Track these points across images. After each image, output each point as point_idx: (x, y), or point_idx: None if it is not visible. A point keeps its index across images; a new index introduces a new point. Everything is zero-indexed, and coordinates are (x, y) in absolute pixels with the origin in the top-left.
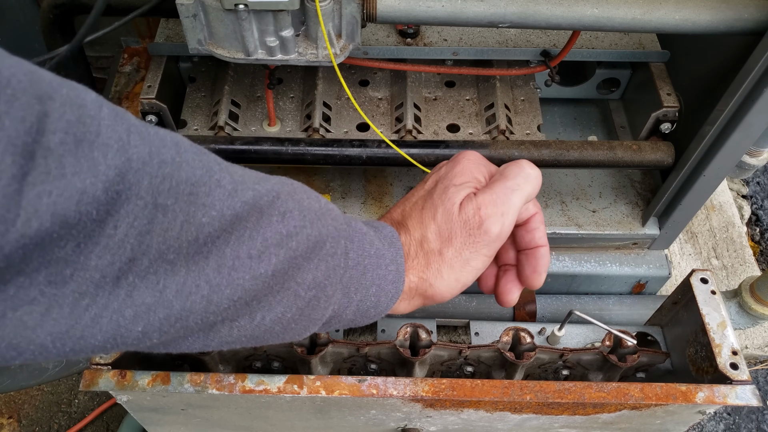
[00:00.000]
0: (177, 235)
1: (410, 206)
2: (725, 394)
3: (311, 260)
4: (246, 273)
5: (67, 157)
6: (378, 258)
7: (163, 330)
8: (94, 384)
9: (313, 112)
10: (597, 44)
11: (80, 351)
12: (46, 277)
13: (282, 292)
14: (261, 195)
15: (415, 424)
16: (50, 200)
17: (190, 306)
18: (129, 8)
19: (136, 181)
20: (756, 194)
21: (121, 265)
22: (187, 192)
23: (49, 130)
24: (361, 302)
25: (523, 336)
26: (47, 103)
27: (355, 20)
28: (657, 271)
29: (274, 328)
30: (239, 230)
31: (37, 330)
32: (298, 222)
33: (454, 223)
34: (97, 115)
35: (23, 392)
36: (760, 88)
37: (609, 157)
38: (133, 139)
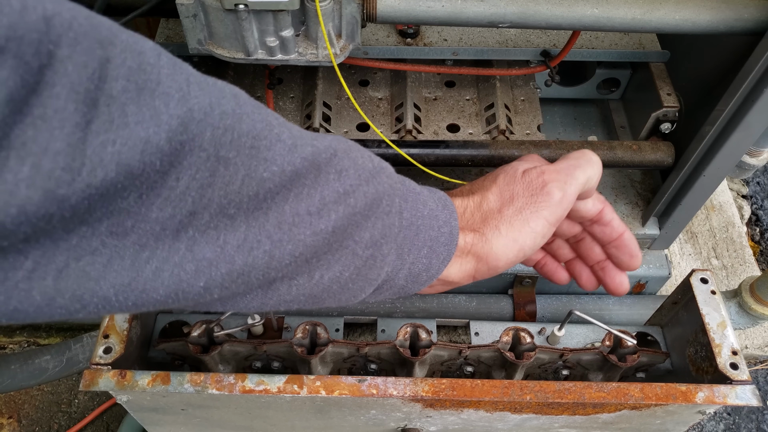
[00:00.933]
0: (238, 189)
1: (470, 184)
2: (725, 394)
3: (369, 218)
4: (306, 229)
5: (129, 106)
6: (431, 219)
7: (225, 285)
8: (94, 384)
9: (313, 112)
10: (597, 44)
11: (143, 305)
12: (108, 228)
13: (341, 250)
14: (320, 151)
15: (415, 424)
16: (114, 149)
17: (252, 261)
18: (129, 8)
19: (199, 131)
20: (756, 194)
21: (182, 218)
22: (248, 145)
23: (112, 77)
24: (413, 264)
25: (523, 336)
26: (108, 48)
27: (355, 20)
28: (657, 271)
29: (332, 287)
30: (298, 186)
31: (100, 281)
32: (354, 180)
33: (516, 185)
34: (157, 63)
35: (23, 392)
36: (760, 88)
37: (609, 157)
38: (193, 89)
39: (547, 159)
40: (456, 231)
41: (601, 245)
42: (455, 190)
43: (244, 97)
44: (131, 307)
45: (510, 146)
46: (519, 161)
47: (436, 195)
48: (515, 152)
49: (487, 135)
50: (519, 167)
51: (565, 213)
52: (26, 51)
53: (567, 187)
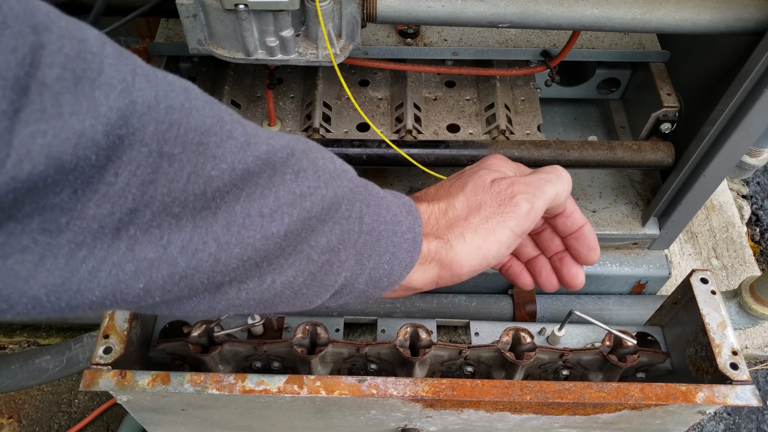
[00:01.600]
0: (183, 188)
1: (435, 188)
2: (725, 394)
3: (326, 222)
4: (257, 232)
5: (64, 95)
6: (394, 225)
7: (167, 288)
8: (94, 384)
9: (313, 112)
10: (597, 44)
11: (77, 306)
12: (40, 224)
13: (294, 255)
14: (275, 150)
15: (415, 424)
16: (45, 141)
17: (196, 264)
18: (129, 8)
19: (140, 126)
20: (756, 194)
21: (122, 215)
22: (196, 141)
23: (45, 64)
24: (373, 270)
25: (523, 336)
26: (43, 33)
27: (355, 20)
28: (657, 271)
29: (285, 293)
30: (250, 186)
31: (30, 281)
32: (312, 182)
33: (484, 194)
34: (100, 51)
35: (23, 392)
36: (760, 88)
37: (609, 157)
38: (139, 81)
39: (548, 160)
40: (420, 237)
41: (561, 237)
42: (419, 193)
43: (196, 92)
44: (64, 309)
45: (510, 146)
46: (486, 169)
47: (401, 200)
48: (515, 152)
49: (487, 135)
50: (487, 176)
51: (531, 226)
52: None
53: (535, 200)
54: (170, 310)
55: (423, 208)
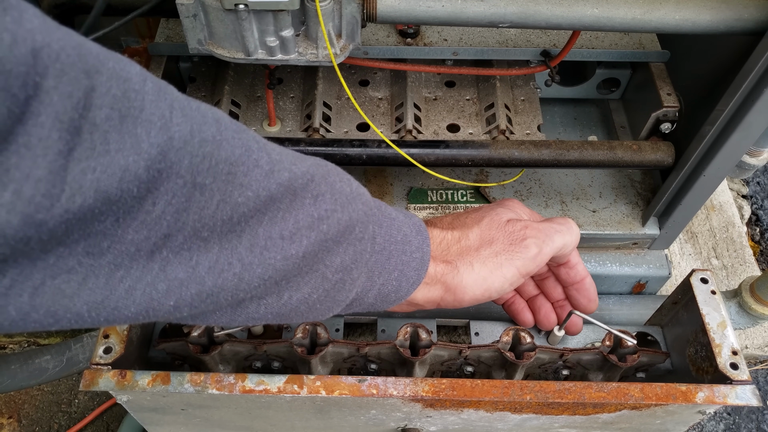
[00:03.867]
0: (212, 214)
1: (451, 217)
2: (725, 394)
3: (341, 244)
4: (277, 253)
5: (111, 133)
6: (404, 244)
7: (194, 305)
8: (94, 384)
9: (313, 112)
10: (597, 44)
11: (114, 321)
12: (85, 248)
13: (310, 274)
14: (296, 177)
15: (415, 424)
16: (94, 176)
17: (222, 283)
18: (129, 8)
19: (177, 159)
20: (756, 194)
21: (157, 240)
22: (225, 171)
23: (96, 105)
24: (383, 286)
25: (523, 336)
26: (94, 77)
27: (355, 20)
28: (657, 271)
29: (300, 308)
30: (272, 211)
31: (74, 298)
32: (329, 206)
33: (498, 231)
34: (142, 89)
35: (23, 392)
36: (760, 88)
37: (609, 157)
38: (176, 116)
39: (548, 159)
40: (427, 257)
41: (563, 286)
42: (434, 219)
43: (226, 122)
44: (102, 323)
45: (510, 146)
46: (504, 208)
47: (411, 221)
48: (515, 152)
49: (487, 135)
50: (504, 215)
51: (536, 269)
52: (13, 84)
53: (544, 246)
54: (194, 321)
55: (436, 232)
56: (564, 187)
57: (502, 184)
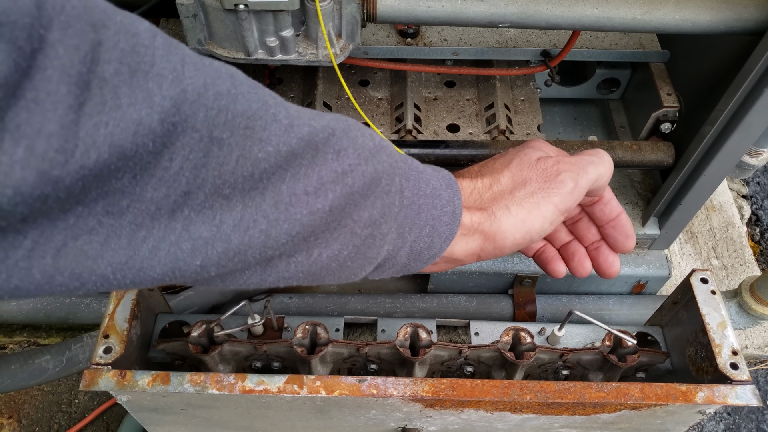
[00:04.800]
0: (233, 170)
1: (478, 166)
2: (725, 394)
3: (368, 197)
4: (303, 208)
5: (122, 88)
6: (434, 198)
7: (221, 264)
8: (94, 384)
9: None
10: (597, 44)
11: (141, 282)
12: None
13: (339, 229)
14: (317, 131)
15: (415, 424)
16: (107, 131)
17: (249, 240)
18: (129, 8)
19: (191, 112)
20: (756, 194)
21: (177, 197)
22: (243, 125)
23: (104, 60)
24: (414, 243)
25: (523, 336)
26: (101, 31)
27: (355, 20)
28: (657, 271)
29: (331, 266)
30: (295, 167)
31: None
32: (353, 160)
33: (530, 170)
34: (151, 44)
35: (23, 392)
36: (760, 88)
37: None
38: (188, 69)
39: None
40: (459, 210)
41: (597, 226)
42: (462, 170)
43: (241, 77)
44: (129, 285)
45: (510, 146)
46: (531, 148)
47: (440, 173)
48: None
49: (487, 135)
50: (533, 154)
51: (574, 204)
52: (18, 36)
53: (579, 179)
54: (224, 283)
55: (465, 183)
56: None
57: None
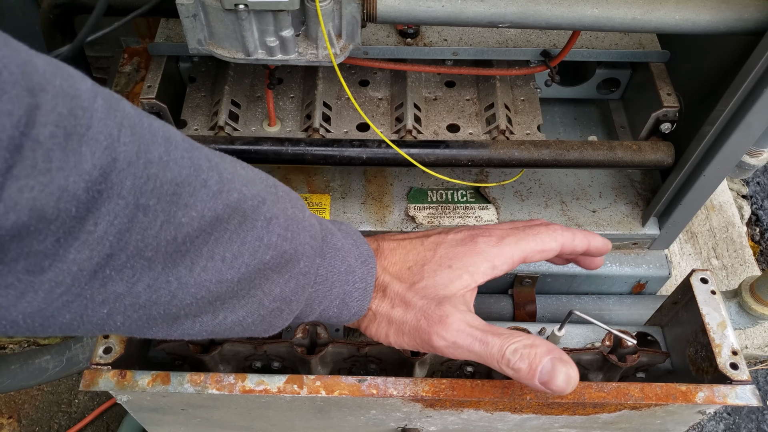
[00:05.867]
0: (156, 234)
1: (402, 252)
2: (725, 394)
3: (282, 275)
4: (213, 276)
5: (55, 151)
6: (347, 274)
7: (127, 315)
8: (94, 384)
9: (313, 112)
10: (597, 44)
11: (48, 327)
12: (25, 267)
13: (246, 298)
14: (246, 199)
15: (415, 424)
16: (31, 195)
17: (156, 298)
18: (129, 8)
19: (118, 181)
20: (756, 194)
21: (100, 260)
22: (170, 192)
23: (40, 123)
24: (324, 312)
25: None
26: (39, 95)
27: (355, 20)
28: (657, 271)
29: (234, 329)
30: (219, 231)
31: (10, 309)
32: (281, 231)
33: (418, 302)
34: (91, 106)
35: (23, 392)
36: (760, 88)
37: (609, 157)
38: (124, 134)
39: (548, 160)
40: (370, 288)
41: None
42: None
43: (178, 140)
44: (37, 329)
45: (510, 146)
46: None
47: (359, 249)
48: (515, 152)
49: (487, 135)
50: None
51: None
52: None
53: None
54: (131, 333)
55: (379, 270)
56: (564, 187)
57: (502, 184)
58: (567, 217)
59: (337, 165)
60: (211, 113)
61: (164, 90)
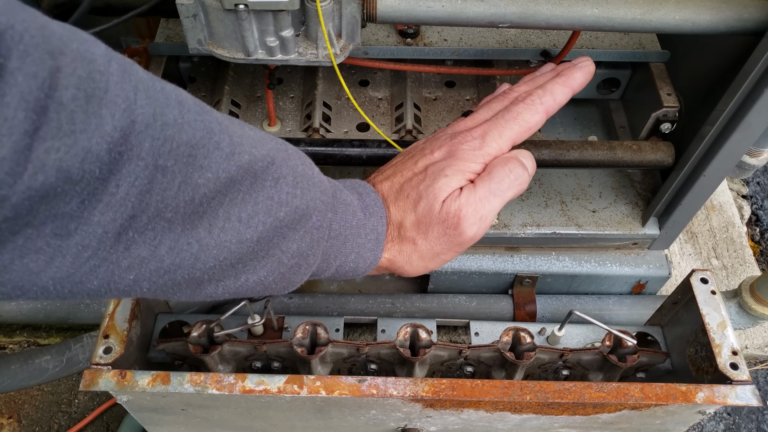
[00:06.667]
0: (175, 195)
1: (397, 187)
2: (725, 394)
3: (297, 231)
4: (233, 236)
5: (78, 113)
6: (359, 228)
7: (153, 280)
8: (94, 384)
9: (313, 112)
10: (597, 44)
11: (77, 293)
12: (53, 230)
13: (266, 258)
14: (256, 159)
15: (415, 424)
16: (57, 156)
17: (179, 261)
18: (129, 8)
19: (138, 142)
20: (756, 194)
21: (123, 221)
22: (186, 154)
23: (62, 86)
24: (340, 267)
25: (523, 336)
26: (59, 58)
27: (355, 20)
28: (657, 271)
29: (256, 288)
30: (233, 193)
31: (40, 275)
32: (290, 189)
33: (433, 218)
34: (107, 70)
35: (23, 392)
36: (760, 88)
37: (609, 157)
38: (140, 98)
39: (548, 159)
40: (382, 237)
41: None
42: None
43: (189, 104)
44: (66, 295)
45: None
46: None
47: (366, 201)
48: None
49: None
50: (441, 193)
51: (476, 240)
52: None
53: (481, 223)
54: (156, 296)
55: (391, 210)
56: (564, 187)
57: None
58: (567, 217)
59: (337, 165)
60: None
61: None
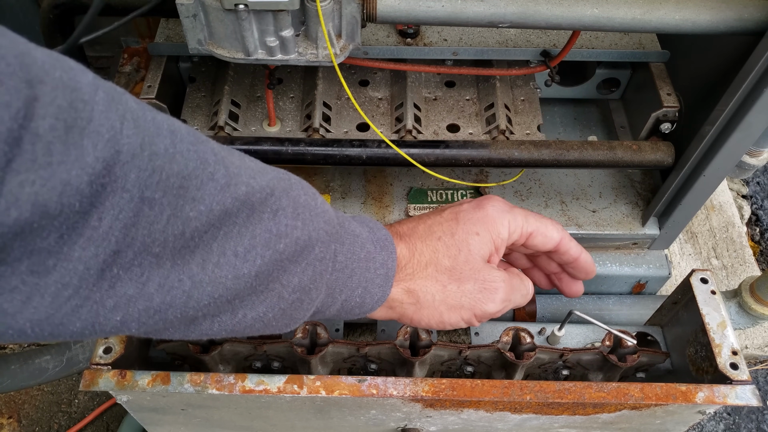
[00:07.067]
0: (163, 229)
1: (423, 228)
2: (725, 394)
3: (298, 263)
4: (229, 272)
5: (55, 144)
6: (367, 261)
7: (142, 321)
8: (94, 384)
9: (313, 112)
10: (597, 44)
11: (58, 336)
12: (29, 267)
13: (265, 293)
14: (254, 191)
15: (415, 424)
16: (32, 190)
17: (170, 300)
18: (129, 8)
19: (123, 174)
20: (756, 194)
21: (106, 257)
22: (177, 185)
23: (39, 115)
24: (345, 302)
25: (523, 336)
26: (37, 87)
27: (355, 20)
28: (657, 271)
29: (255, 325)
30: (228, 226)
31: (16, 316)
32: (290, 221)
33: (473, 272)
34: (91, 99)
35: (23, 392)
36: (760, 88)
37: (609, 157)
38: (127, 127)
39: (548, 160)
40: (392, 273)
41: (557, 264)
42: (405, 228)
43: (183, 134)
44: (47, 337)
45: (510, 146)
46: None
47: (376, 235)
48: (515, 152)
49: (487, 135)
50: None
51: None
52: None
53: (507, 305)
54: (147, 336)
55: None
56: (564, 187)
57: (502, 184)
58: (567, 217)
59: (337, 165)
60: (211, 113)
61: (164, 90)
